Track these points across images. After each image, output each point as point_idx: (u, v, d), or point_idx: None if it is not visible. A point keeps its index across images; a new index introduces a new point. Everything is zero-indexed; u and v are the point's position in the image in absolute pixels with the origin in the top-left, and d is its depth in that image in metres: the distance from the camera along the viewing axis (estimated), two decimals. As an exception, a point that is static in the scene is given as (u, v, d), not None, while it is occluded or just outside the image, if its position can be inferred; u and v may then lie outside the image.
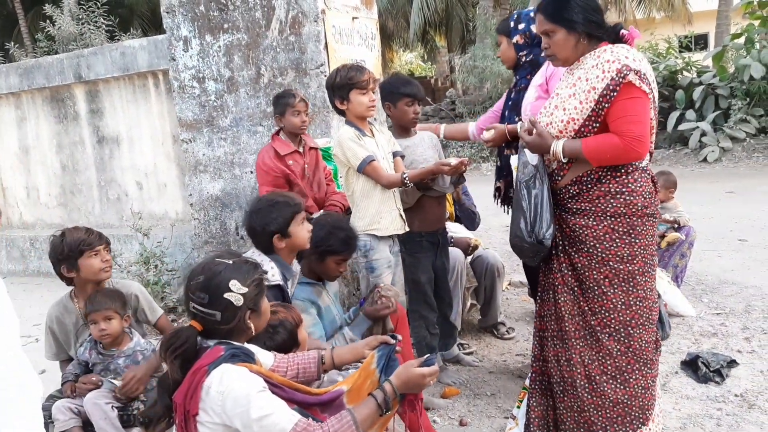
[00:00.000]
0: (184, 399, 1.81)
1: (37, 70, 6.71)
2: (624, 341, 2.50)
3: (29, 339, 4.95)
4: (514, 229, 2.58)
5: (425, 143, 3.64)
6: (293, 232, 2.69)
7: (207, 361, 1.83)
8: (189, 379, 1.83)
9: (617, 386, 2.50)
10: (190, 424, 1.80)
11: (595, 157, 2.40)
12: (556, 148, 2.46)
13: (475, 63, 15.07)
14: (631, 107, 2.35)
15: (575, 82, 2.44)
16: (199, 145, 4.79)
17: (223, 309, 1.91)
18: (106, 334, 2.77)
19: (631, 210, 2.44)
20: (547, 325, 2.64)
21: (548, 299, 2.64)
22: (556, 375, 2.59)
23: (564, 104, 2.46)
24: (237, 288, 1.91)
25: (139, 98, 6.22)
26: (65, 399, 2.74)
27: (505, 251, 6.56)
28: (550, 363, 2.62)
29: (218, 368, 1.80)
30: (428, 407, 3.27)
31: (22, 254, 7.20)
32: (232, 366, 1.81)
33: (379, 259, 3.23)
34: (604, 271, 2.47)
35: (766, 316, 4.24)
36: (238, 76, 4.53)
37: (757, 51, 11.73)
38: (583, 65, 2.46)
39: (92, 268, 2.83)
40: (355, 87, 3.19)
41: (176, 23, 4.64)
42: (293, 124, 3.68)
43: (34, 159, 7.15)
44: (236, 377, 1.78)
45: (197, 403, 1.79)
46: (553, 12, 2.45)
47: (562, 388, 2.57)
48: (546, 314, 2.65)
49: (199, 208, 4.91)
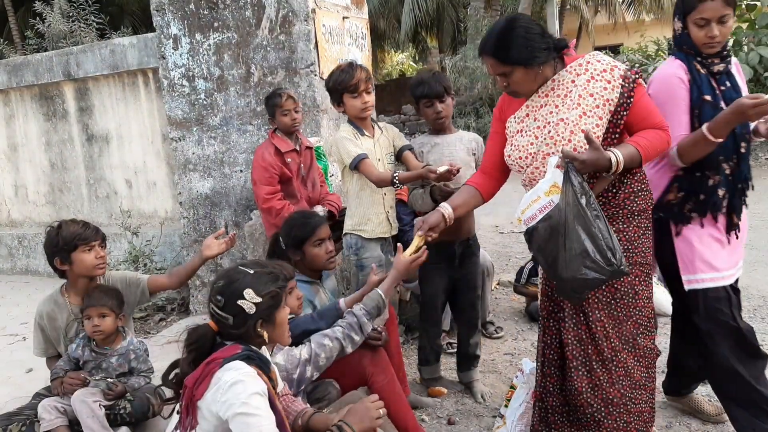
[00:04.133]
0: (193, 383, 1.92)
1: (26, 68, 6.67)
2: (650, 335, 2.48)
3: (16, 337, 4.92)
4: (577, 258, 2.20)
5: (461, 144, 3.38)
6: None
7: (223, 354, 1.94)
8: (203, 367, 1.94)
9: (650, 382, 2.48)
10: (192, 407, 1.91)
11: (650, 154, 2.34)
12: (619, 159, 2.24)
13: (466, 64, 15.10)
14: (648, 103, 2.39)
15: (579, 103, 2.34)
16: (189, 144, 4.78)
17: (236, 314, 2.00)
18: (99, 331, 2.76)
19: (649, 204, 2.48)
20: (576, 353, 2.44)
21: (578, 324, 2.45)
22: (596, 402, 2.40)
23: (579, 126, 2.33)
24: (250, 296, 1.99)
25: (128, 96, 6.19)
26: (51, 398, 2.73)
27: (494, 251, 6.59)
28: (584, 394, 2.41)
29: (232, 362, 1.91)
30: (416, 406, 3.27)
31: (10, 252, 7.15)
32: (243, 363, 1.91)
33: (368, 258, 3.25)
34: (636, 271, 2.43)
35: (752, 316, 4.27)
36: (227, 75, 4.53)
37: (745, 54, 11.80)
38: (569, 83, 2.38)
39: (85, 263, 2.82)
40: (346, 91, 3.20)
41: (166, 21, 4.64)
42: (284, 124, 3.75)
43: (23, 157, 7.10)
44: (244, 373, 1.89)
45: (203, 390, 1.89)
46: (503, 55, 2.33)
47: (606, 412, 2.40)
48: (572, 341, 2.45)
49: (188, 206, 4.91)
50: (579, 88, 2.36)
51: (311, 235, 2.92)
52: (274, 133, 3.83)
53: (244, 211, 4.67)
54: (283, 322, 2.10)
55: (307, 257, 2.94)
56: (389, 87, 22.10)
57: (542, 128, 2.42)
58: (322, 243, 2.95)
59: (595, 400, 2.41)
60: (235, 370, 1.88)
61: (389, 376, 2.76)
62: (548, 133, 2.40)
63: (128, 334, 2.94)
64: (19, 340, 4.85)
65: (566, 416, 2.55)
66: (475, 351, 3.54)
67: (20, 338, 4.88)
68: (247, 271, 2.06)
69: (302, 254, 2.93)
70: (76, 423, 2.66)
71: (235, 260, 4.84)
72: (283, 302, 2.09)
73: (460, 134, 3.46)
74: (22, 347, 4.61)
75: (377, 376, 2.72)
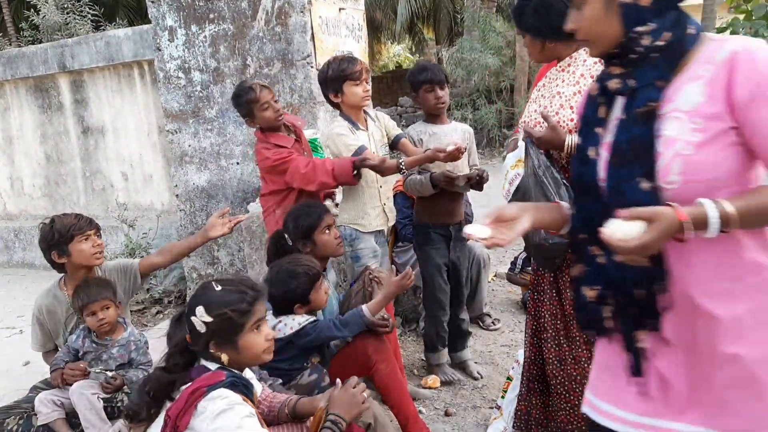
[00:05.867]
0: (177, 414, 1.84)
1: (20, 60, 6.64)
2: None
3: (13, 330, 4.92)
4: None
5: (456, 134, 3.45)
6: (313, 299, 2.70)
7: (207, 382, 1.86)
8: (186, 396, 1.85)
9: None
10: None
11: None
12: (572, 142, 2.34)
13: (462, 55, 15.05)
14: None
15: (578, 80, 2.41)
16: (185, 136, 4.76)
17: (191, 330, 1.94)
18: (106, 323, 2.76)
19: None
20: (547, 326, 2.53)
21: (551, 298, 2.53)
22: (560, 375, 2.49)
23: (570, 102, 2.41)
24: (200, 314, 1.90)
25: (124, 88, 6.17)
26: (48, 391, 2.73)
27: (492, 243, 6.59)
28: (551, 364, 2.51)
29: (216, 391, 1.83)
30: (414, 398, 3.29)
31: (6, 245, 7.14)
32: (229, 391, 1.85)
33: (363, 249, 3.25)
34: None
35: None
36: (224, 67, 4.51)
37: (742, 45, 11.82)
38: (581, 62, 2.43)
39: (84, 252, 2.81)
40: (348, 78, 3.17)
41: (161, 13, 4.61)
42: (268, 119, 3.21)
43: (18, 149, 7.08)
44: (230, 401, 1.82)
45: (188, 421, 1.82)
46: (516, 20, 2.48)
47: (569, 386, 2.49)
48: (545, 314, 2.54)
49: (185, 199, 4.90)
50: (584, 68, 2.42)
51: (319, 223, 2.93)
52: (262, 132, 3.28)
53: (240, 203, 4.66)
54: (251, 347, 1.94)
55: (318, 245, 2.94)
56: (386, 79, 22.02)
57: (547, 98, 2.51)
58: (330, 229, 2.97)
59: (560, 373, 2.49)
60: (220, 398, 1.82)
61: (392, 365, 2.78)
62: (549, 104, 2.48)
63: (128, 325, 2.94)
64: (16, 333, 4.85)
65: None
66: (466, 327, 3.71)
67: (17, 331, 4.88)
68: (213, 287, 1.96)
69: (312, 244, 2.93)
70: (73, 416, 2.66)
71: (232, 253, 4.84)
72: (247, 327, 1.93)
73: (454, 125, 3.52)
74: (19, 340, 4.61)
75: (380, 364, 2.74)
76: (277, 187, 3.24)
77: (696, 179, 1.39)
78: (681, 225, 1.32)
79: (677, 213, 1.32)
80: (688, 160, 1.39)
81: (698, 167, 1.38)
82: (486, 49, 14.26)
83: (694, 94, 1.41)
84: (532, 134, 2.40)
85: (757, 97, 1.33)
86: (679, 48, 1.43)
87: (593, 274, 1.58)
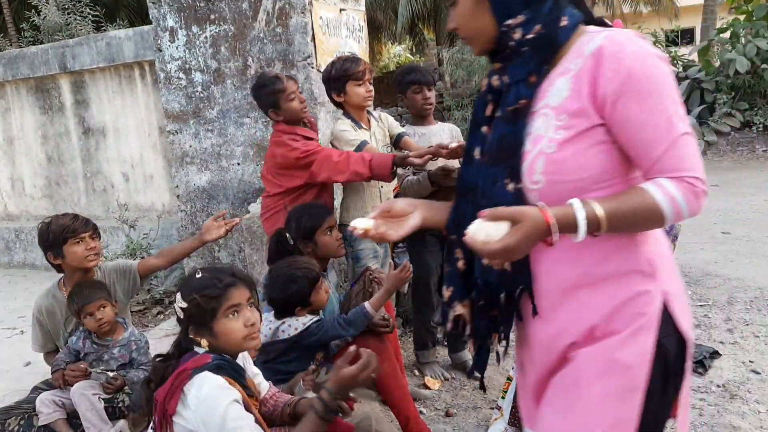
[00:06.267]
0: (164, 398, 1.85)
1: (21, 60, 6.64)
2: None
3: (14, 331, 4.92)
4: None
5: (444, 133, 3.52)
6: (314, 300, 2.70)
7: (192, 365, 1.87)
8: (172, 380, 1.87)
9: None
10: (166, 423, 1.83)
11: None
12: None
13: (463, 56, 15.05)
14: None
15: None
16: (186, 137, 4.77)
17: (176, 315, 1.98)
18: (105, 322, 2.76)
19: None
20: None
21: None
22: None
23: None
24: (179, 300, 1.94)
25: (125, 89, 6.18)
26: (50, 391, 2.73)
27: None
28: None
29: (200, 374, 1.83)
30: (414, 398, 3.28)
31: (7, 246, 7.14)
32: (213, 375, 1.85)
33: (363, 249, 3.26)
34: None
35: (749, 307, 4.29)
36: (224, 68, 4.51)
37: (743, 45, 11.80)
38: None
39: (76, 255, 2.81)
40: (351, 78, 3.19)
41: (162, 14, 4.62)
42: (294, 111, 3.13)
43: (19, 150, 7.08)
44: (214, 385, 1.82)
45: (175, 404, 1.82)
46: None
47: None
48: None
49: (185, 199, 4.90)
50: None
51: (321, 224, 2.93)
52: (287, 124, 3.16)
53: (241, 204, 4.67)
54: (228, 333, 1.93)
55: (319, 246, 2.94)
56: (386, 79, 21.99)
57: None
58: (331, 230, 2.96)
59: None
60: (205, 383, 1.81)
61: (393, 365, 2.78)
62: None
63: (129, 325, 2.95)
64: (17, 334, 4.85)
65: None
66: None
67: (18, 332, 4.88)
68: (195, 274, 1.98)
69: (314, 244, 2.93)
70: (74, 416, 2.66)
71: (233, 253, 4.84)
72: (220, 312, 1.92)
73: (440, 125, 3.58)
74: (20, 340, 4.61)
75: (382, 364, 2.72)
76: (293, 184, 3.14)
77: (561, 179, 1.30)
78: (547, 226, 1.22)
79: (543, 214, 1.23)
80: (550, 158, 1.30)
81: (562, 166, 1.29)
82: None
83: (562, 89, 1.31)
84: None
85: (624, 93, 1.24)
86: (552, 41, 1.33)
87: (452, 274, 1.54)
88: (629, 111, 1.24)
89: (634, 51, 1.24)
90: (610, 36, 1.28)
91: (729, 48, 12.21)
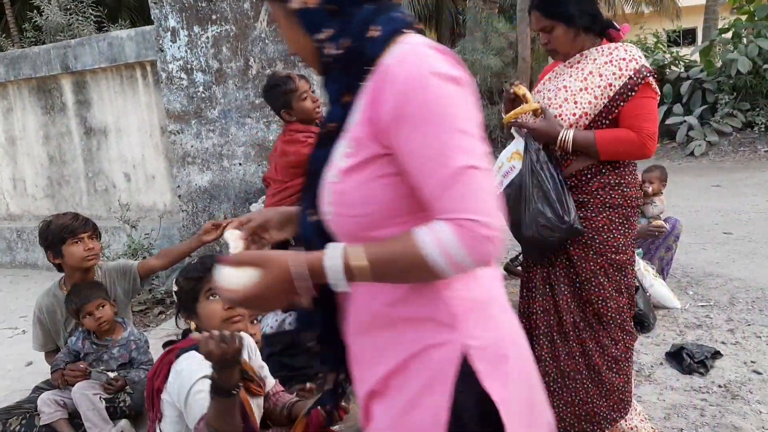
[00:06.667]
0: (153, 375, 1.95)
1: (23, 61, 6.65)
2: (620, 328, 2.50)
3: (16, 331, 4.93)
4: (534, 218, 2.35)
5: None
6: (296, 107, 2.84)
7: (181, 345, 1.98)
8: (161, 358, 1.98)
9: (615, 374, 2.50)
10: (156, 398, 1.93)
11: (608, 150, 2.38)
12: (567, 137, 2.38)
13: (464, 56, 15.04)
14: (647, 105, 2.39)
15: (586, 77, 2.41)
16: (187, 137, 4.77)
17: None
18: (104, 321, 2.77)
19: (627, 201, 2.46)
20: (539, 322, 2.54)
21: (544, 294, 2.55)
22: (554, 372, 2.51)
23: (575, 98, 2.42)
24: (173, 286, 2.07)
25: (126, 89, 6.18)
26: (51, 391, 2.74)
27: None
28: (543, 362, 2.51)
29: (187, 353, 1.92)
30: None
31: (9, 246, 7.15)
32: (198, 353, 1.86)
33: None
34: (600, 261, 2.45)
35: (750, 308, 4.28)
36: (226, 68, 4.52)
37: (744, 46, 11.79)
38: (591, 60, 2.44)
39: (74, 255, 2.82)
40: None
41: (164, 14, 4.62)
42: (307, 111, 3.11)
43: (21, 150, 7.09)
44: (192, 361, 1.89)
45: (163, 381, 1.91)
46: (549, 8, 2.41)
47: (562, 383, 2.50)
48: (537, 310, 2.55)
49: (187, 199, 4.91)
50: (594, 66, 2.42)
51: None
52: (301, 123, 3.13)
53: (243, 204, 4.67)
54: (209, 315, 1.98)
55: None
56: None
57: (552, 91, 2.52)
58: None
59: (553, 370, 2.49)
60: (188, 359, 1.89)
61: None
62: (554, 97, 2.48)
63: (128, 325, 2.95)
64: (19, 334, 4.86)
65: None
66: None
67: (20, 331, 4.89)
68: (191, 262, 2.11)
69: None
70: (75, 416, 2.67)
71: (234, 253, 4.84)
72: (201, 295, 1.98)
73: None
74: (22, 340, 4.62)
75: None
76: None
77: (345, 212, 1.15)
78: (290, 273, 1.07)
79: (287, 259, 1.08)
80: (334, 188, 1.15)
81: (345, 198, 1.14)
82: (488, 50, 14.26)
83: (356, 111, 1.15)
84: (527, 126, 2.41)
85: (399, 119, 1.07)
86: (361, 55, 1.14)
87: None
88: (404, 140, 1.07)
89: (413, 71, 1.07)
90: (402, 51, 1.11)
91: (731, 48, 12.20)
